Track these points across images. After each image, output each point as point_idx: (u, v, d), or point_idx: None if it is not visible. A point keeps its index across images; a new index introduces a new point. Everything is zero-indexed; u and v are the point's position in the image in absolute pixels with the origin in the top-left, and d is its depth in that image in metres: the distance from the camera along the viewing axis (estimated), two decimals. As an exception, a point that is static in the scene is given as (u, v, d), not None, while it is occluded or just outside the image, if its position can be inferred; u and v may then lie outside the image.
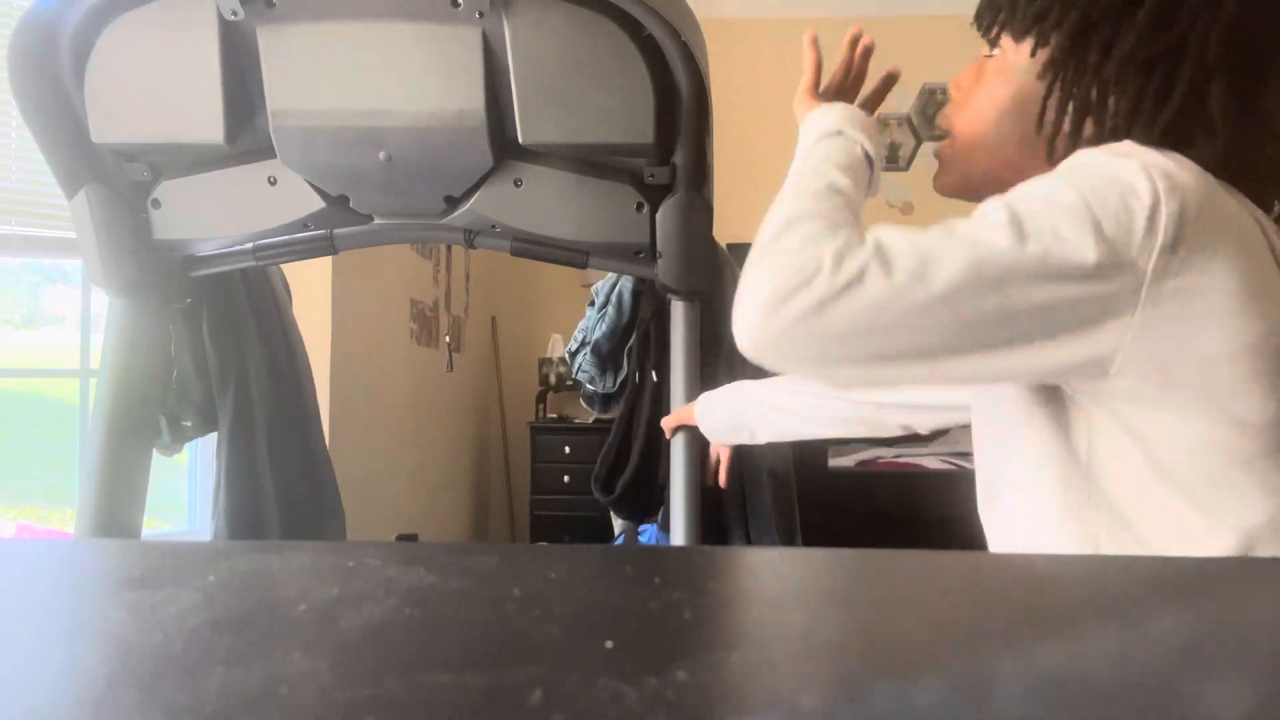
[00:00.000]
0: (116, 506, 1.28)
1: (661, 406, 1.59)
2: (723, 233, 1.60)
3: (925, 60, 4.22)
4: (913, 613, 0.32)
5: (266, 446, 1.57)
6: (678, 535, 1.38)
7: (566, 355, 2.05)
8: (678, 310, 1.42)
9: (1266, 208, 0.70)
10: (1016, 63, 0.77)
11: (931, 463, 3.08)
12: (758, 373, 1.63)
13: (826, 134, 0.80)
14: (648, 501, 1.75)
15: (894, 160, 4.19)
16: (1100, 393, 0.64)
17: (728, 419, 1.26)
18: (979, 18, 0.80)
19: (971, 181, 0.83)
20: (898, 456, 3.15)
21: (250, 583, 0.34)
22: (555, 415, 4.38)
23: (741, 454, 1.34)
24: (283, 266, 1.67)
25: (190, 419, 1.54)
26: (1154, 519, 0.65)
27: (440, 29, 1.04)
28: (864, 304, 0.58)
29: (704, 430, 1.32)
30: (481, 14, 1.02)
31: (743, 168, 4.02)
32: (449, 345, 3.69)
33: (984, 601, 0.35)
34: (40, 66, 1.10)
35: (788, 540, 1.65)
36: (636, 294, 1.84)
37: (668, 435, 1.36)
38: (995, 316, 0.59)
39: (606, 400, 2.02)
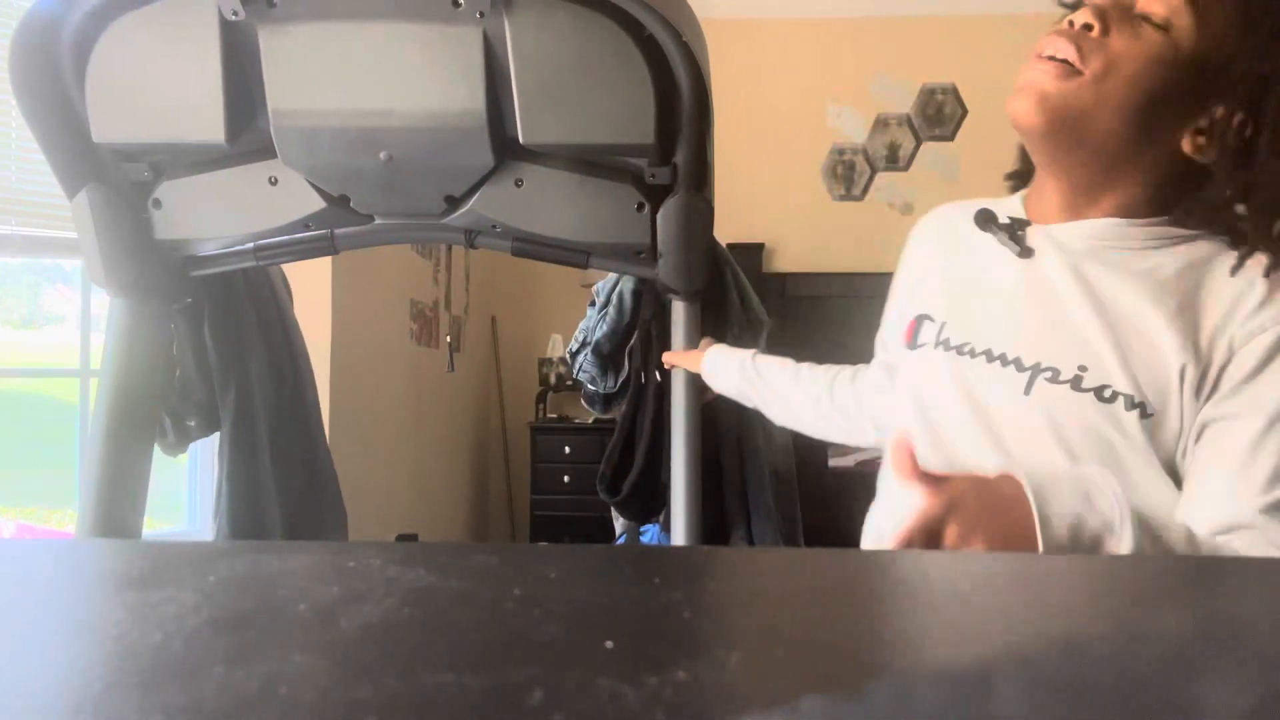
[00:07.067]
0: (117, 506, 1.28)
1: (664, 406, 1.59)
2: (723, 233, 1.60)
3: (925, 60, 4.23)
4: (913, 613, 0.32)
5: (268, 446, 1.57)
6: (678, 535, 1.38)
7: (567, 355, 2.05)
8: (678, 310, 1.42)
9: None
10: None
11: (931, 463, 3.07)
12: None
13: None
14: (653, 502, 1.75)
15: (894, 160, 4.19)
16: None
17: (735, 387, 1.28)
18: None
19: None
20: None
21: (250, 583, 0.34)
22: (555, 415, 4.38)
23: (744, 453, 1.34)
24: (283, 266, 1.67)
25: (194, 419, 1.54)
26: None
27: (441, 29, 1.04)
28: None
29: (711, 386, 1.34)
30: (482, 14, 1.02)
31: (743, 168, 4.02)
32: (450, 345, 3.69)
33: (984, 601, 0.35)
34: (41, 66, 1.10)
35: (789, 540, 1.65)
36: (637, 294, 1.84)
37: (666, 366, 1.39)
38: None
39: (607, 400, 2.02)
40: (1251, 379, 0.72)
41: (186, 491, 2.47)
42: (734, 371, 1.26)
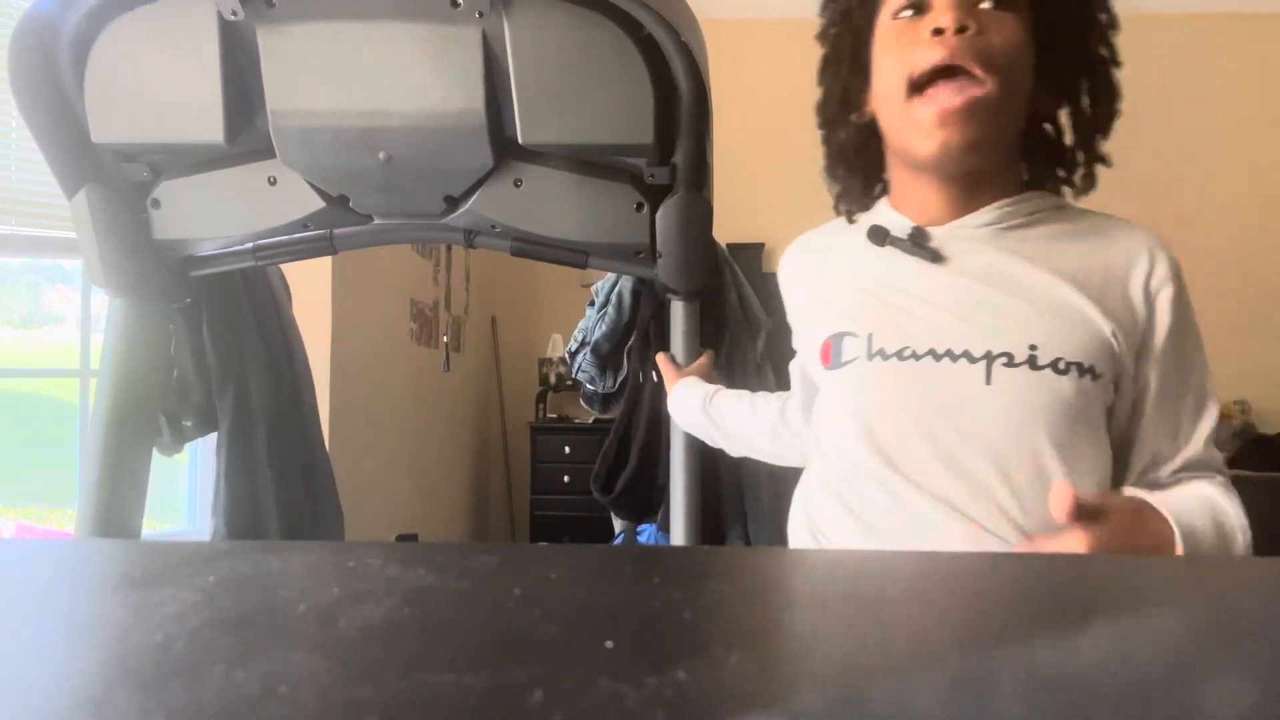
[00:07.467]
0: (116, 506, 1.28)
1: (661, 406, 1.59)
2: (723, 233, 1.60)
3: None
4: (912, 613, 0.32)
5: (266, 446, 1.57)
6: (677, 535, 1.38)
7: (566, 355, 2.05)
8: (677, 310, 1.42)
9: None
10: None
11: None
12: (756, 372, 1.63)
13: None
14: (647, 501, 1.75)
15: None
16: None
17: (698, 424, 1.27)
18: None
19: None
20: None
21: (250, 583, 0.34)
22: (555, 415, 4.38)
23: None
24: (282, 266, 1.67)
25: (191, 419, 1.54)
26: None
27: (440, 29, 1.04)
28: None
29: (677, 423, 1.35)
30: (481, 14, 1.02)
31: (743, 168, 4.02)
32: (447, 345, 3.69)
33: (983, 601, 0.35)
34: (40, 66, 1.10)
35: (785, 541, 1.65)
36: (636, 294, 1.84)
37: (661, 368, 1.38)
38: None
39: (606, 400, 2.02)
40: (1167, 337, 0.80)
41: (186, 491, 2.47)
42: (696, 407, 1.24)
